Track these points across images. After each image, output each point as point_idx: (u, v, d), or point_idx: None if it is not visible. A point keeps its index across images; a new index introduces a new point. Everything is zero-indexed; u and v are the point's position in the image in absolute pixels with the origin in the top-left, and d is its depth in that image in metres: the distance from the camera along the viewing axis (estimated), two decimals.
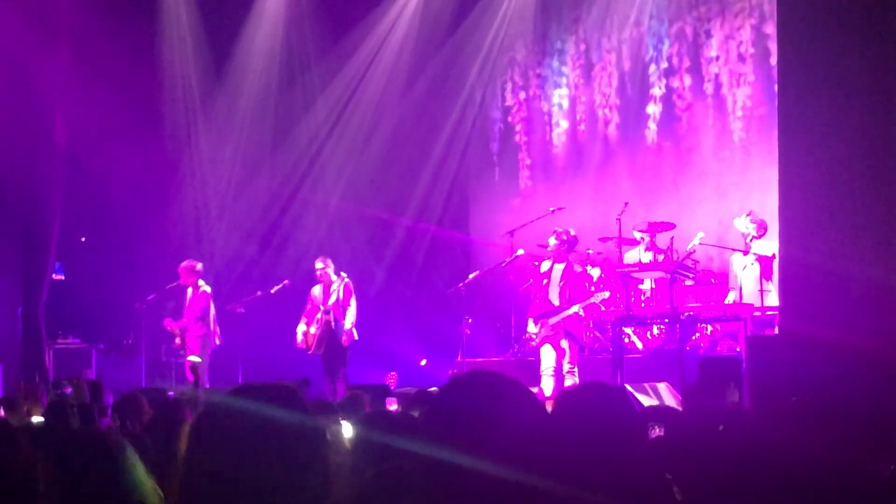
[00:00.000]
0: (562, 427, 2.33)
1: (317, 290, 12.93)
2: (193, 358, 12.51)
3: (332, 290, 12.78)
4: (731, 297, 11.71)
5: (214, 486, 2.20)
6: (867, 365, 6.89)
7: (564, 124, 15.99)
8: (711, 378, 5.34)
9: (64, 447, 2.93)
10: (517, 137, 16.37)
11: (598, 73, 15.71)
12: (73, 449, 2.95)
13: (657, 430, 5.54)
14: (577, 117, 15.91)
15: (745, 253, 11.74)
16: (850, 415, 5.08)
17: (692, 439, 3.32)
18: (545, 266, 11.69)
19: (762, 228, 11.65)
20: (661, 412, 8.27)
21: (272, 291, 13.59)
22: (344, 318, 12.68)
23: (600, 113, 15.63)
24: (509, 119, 16.47)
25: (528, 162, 16.30)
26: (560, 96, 16.10)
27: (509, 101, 16.50)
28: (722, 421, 3.70)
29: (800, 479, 3.45)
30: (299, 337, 12.83)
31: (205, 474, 2.22)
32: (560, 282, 11.38)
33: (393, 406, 9.14)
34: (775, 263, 10.78)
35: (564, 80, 16.07)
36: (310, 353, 12.80)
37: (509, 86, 16.49)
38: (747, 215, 11.82)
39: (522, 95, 16.42)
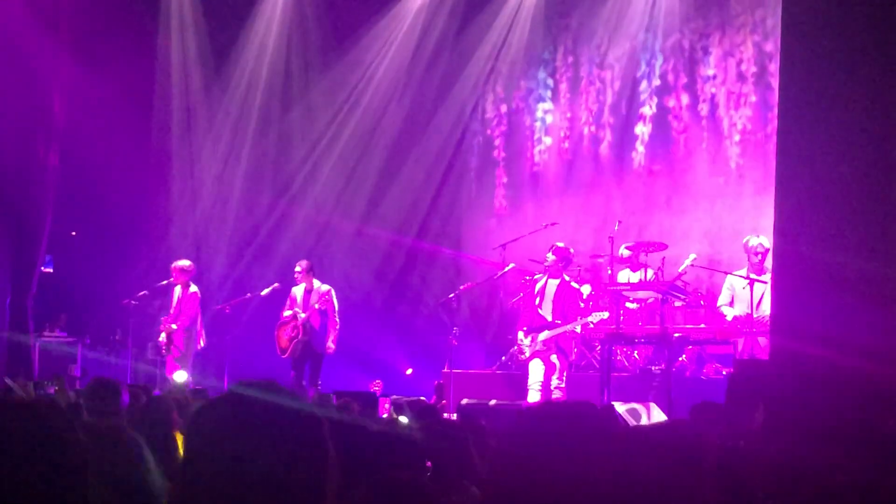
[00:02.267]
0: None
1: (297, 291, 12.95)
2: (179, 376, 12.39)
3: (311, 296, 12.80)
4: (730, 314, 11.51)
5: (216, 480, 2.21)
6: (862, 388, 6.92)
7: (548, 140, 15.54)
8: (741, 398, 5.39)
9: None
10: (495, 153, 15.95)
11: (585, 88, 15.18)
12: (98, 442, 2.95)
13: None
14: (562, 134, 15.41)
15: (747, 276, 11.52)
16: (842, 436, 5.12)
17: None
18: (539, 280, 11.70)
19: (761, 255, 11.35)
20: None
21: (262, 294, 13.61)
22: (320, 326, 12.68)
23: (586, 130, 15.15)
24: (489, 132, 16.02)
25: (504, 180, 15.83)
26: (544, 110, 15.61)
27: (490, 114, 15.98)
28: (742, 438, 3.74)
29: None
30: (280, 340, 12.86)
31: (206, 468, 2.23)
32: (554, 297, 11.39)
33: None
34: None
35: (549, 94, 15.56)
36: (284, 356, 12.78)
37: (490, 97, 15.96)
38: (754, 254, 11.46)
39: (504, 108, 15.89)
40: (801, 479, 3.78)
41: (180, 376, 12.13)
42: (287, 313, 12.93)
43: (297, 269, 13.00)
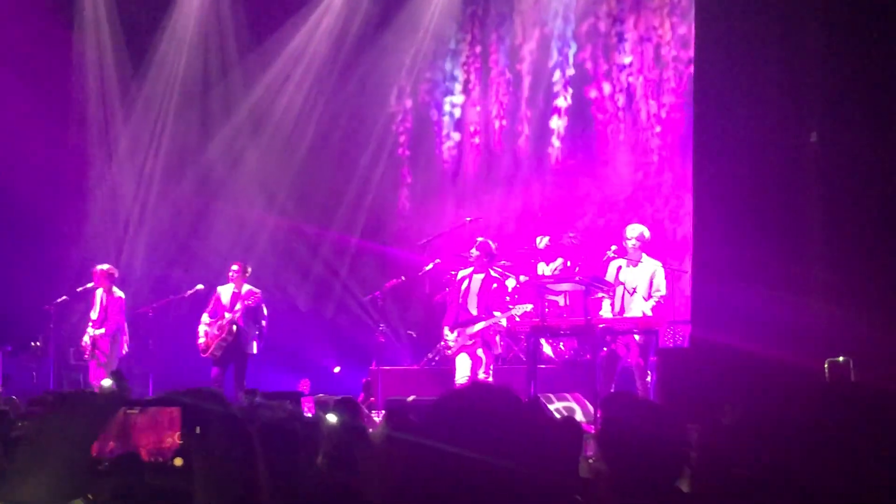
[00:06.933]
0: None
1: (224, 291, 12.78)
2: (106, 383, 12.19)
3: (241, 296, 12.64)
4: (606, 308, 10.88)
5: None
6: (776, 374, 7.12)
7: (456, 136, 15.27)
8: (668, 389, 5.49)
9: None
10: (399, 150, 15.65)
11: (495, 79, 14.76)
12: None
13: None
14: (472, 128, 15.05)
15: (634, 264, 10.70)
16: (762, 424, 5.25)
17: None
18: (464, 275, 11.73)
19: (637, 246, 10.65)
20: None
21: (186, 295, 13.46)
22: (245, 326, 12.53)
23: (497, 124, 14.81)
24: (393, 128, 15.66)
25: (409, 180, 15.56)
26: (452, 104, 15.20)
27: (394, 108, 15.59)
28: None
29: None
30: (201, 338, 12.66)
31: None
32: (479, 292, 11.44)
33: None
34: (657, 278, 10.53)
35: (458, 87, 15.17)
36: (205, 355, 12.61)
37: (395, 90, 15.52)
38: (627, 240, 10.78)
39: (409, 103, 15.50)
40: (721, 469, 3.87)
41: (106, 383, 11.96)
42: (206, 320, 12.71)
43: (234, 268, 12.82)
